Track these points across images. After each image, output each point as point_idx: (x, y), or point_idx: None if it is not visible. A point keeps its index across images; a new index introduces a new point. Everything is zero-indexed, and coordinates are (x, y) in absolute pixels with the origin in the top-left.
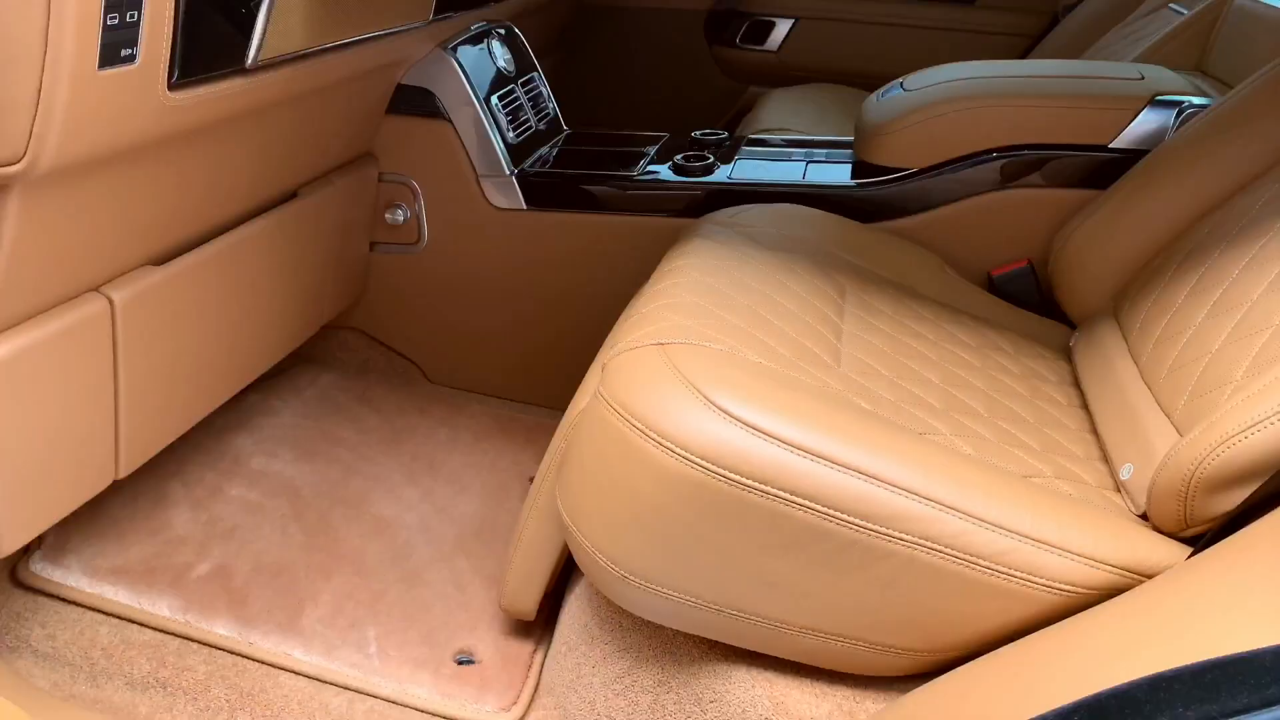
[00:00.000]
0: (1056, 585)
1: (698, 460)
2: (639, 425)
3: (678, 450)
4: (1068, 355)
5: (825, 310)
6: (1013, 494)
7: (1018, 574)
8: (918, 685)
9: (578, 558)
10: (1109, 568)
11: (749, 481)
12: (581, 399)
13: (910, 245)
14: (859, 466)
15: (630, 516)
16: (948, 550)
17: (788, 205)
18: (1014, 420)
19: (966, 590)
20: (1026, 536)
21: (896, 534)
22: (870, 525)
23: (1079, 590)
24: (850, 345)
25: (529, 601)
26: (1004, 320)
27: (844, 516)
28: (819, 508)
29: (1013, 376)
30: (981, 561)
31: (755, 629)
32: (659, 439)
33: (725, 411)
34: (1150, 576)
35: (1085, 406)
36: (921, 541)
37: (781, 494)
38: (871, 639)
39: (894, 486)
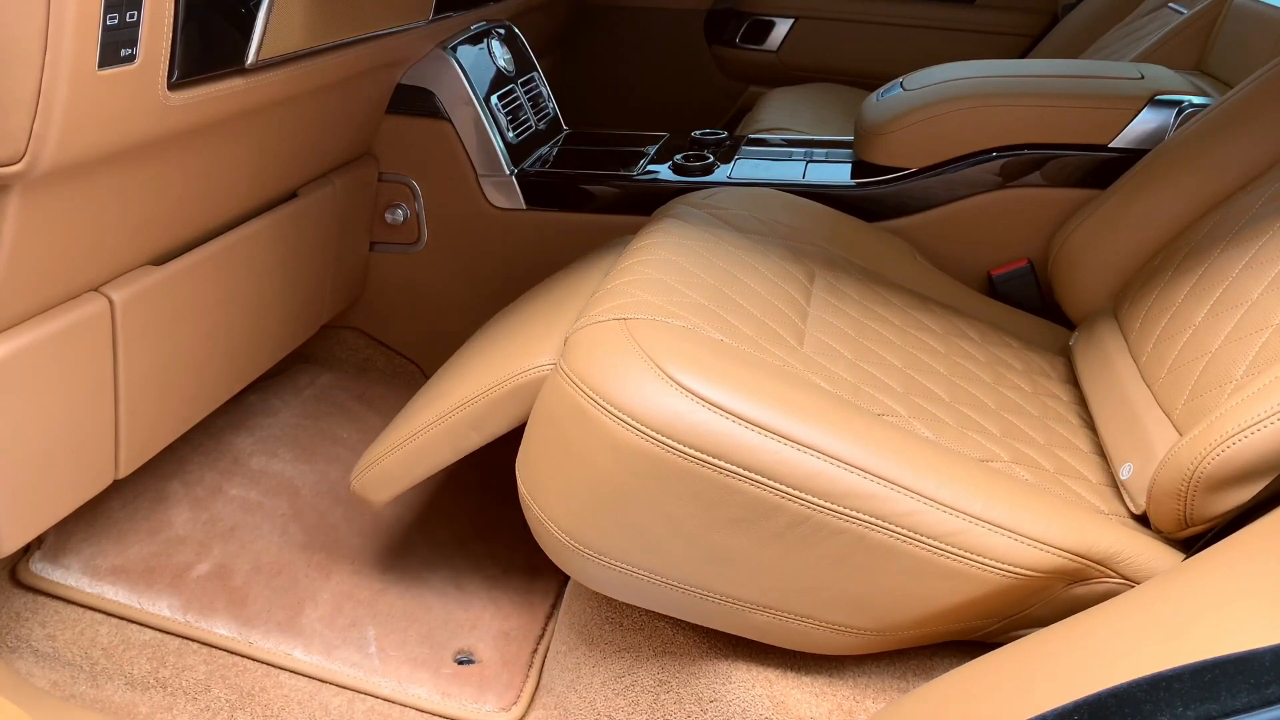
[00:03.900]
0: (1006, 567)
1: (650, 433)
2: (595, 397)
3: (631, 422)
4: (1041, 347)
5: (792, 293)
6: (966, 476)
7: (967, 555)
8: (917, 685)
9: (533, 529)
10: (1059, 552)
11: (701, 455)
12: (536, 358)
13: (883, 233)
14: (811, 443)
15: (584, 489)
16: (898, 529)
17: (761, 189)
18: (975, 406)
19: (916, 570)
20: (977, 518)
21: (847, 511)
22: (820, 502)
23: (1028, 573)
24: (815, 328)
25: (385, 495)
26: (978, 311)
27: (794, 492)
28: (769, 483)
29: (977, 364)
30: (931, 541)
31: (706, 604)
32: (613, 411)
33: (681, 385)
34: (1100, 562)
35: (1054, 395)
36: (872, 519)
37: (732, 468)
38: (822, 617)
39: (845, 464)
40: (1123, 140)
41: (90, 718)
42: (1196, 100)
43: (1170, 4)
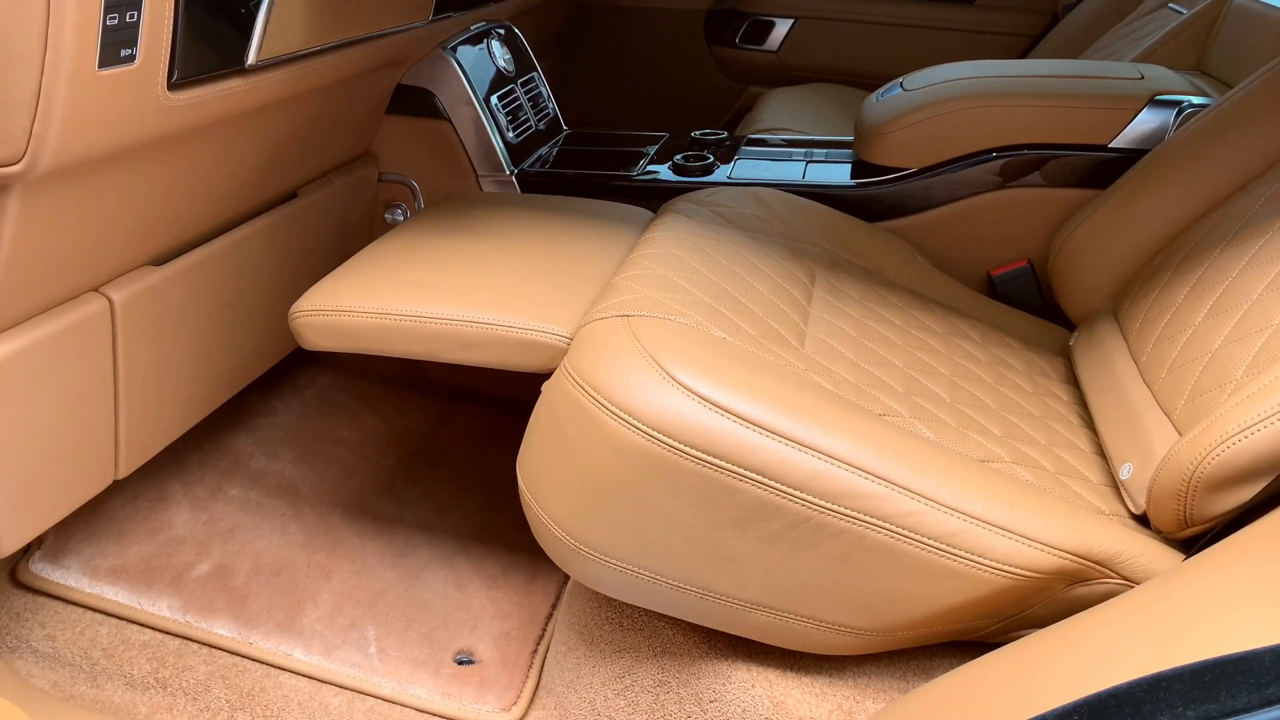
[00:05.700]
0: (1006, 568)
1: (651, 432)
2: (597, 396)
3: (632, 422)
4: (1041, 347)
5: (794, 292)
6: (966, 477)
7: (968, 555)
8: (917, 685)
9: (533, 528)
10: (1059, 552)
11: (702, 455)
12: (550, 322)
13: (883, 233)
14: (812, 443)
15: (585, 488)
16: (898, 529)
17: (763, 189)
18: (976, 406)
19: (916, 570)
20: (977, 519)
21: (848, 512)
22: (821, 502)
23: (1028, 574)
24: (816, 327)
25: (323, 344)
26: (978, 311)
27: (795, 492)
28: (770, 483)
29: (978, 364)
30: (932, 542)
31: (707, 604)
32: (615, 410)
33: (682, 385)
34: (1100, 562)
35: (1055, 395)
36: (872, 520)
37: (734, 468)
38: (822, 617)
39: (846, 464)
40: (1123, 140)
41: (90, 718)
42: (1196, 100)
43: (1170, 4)
